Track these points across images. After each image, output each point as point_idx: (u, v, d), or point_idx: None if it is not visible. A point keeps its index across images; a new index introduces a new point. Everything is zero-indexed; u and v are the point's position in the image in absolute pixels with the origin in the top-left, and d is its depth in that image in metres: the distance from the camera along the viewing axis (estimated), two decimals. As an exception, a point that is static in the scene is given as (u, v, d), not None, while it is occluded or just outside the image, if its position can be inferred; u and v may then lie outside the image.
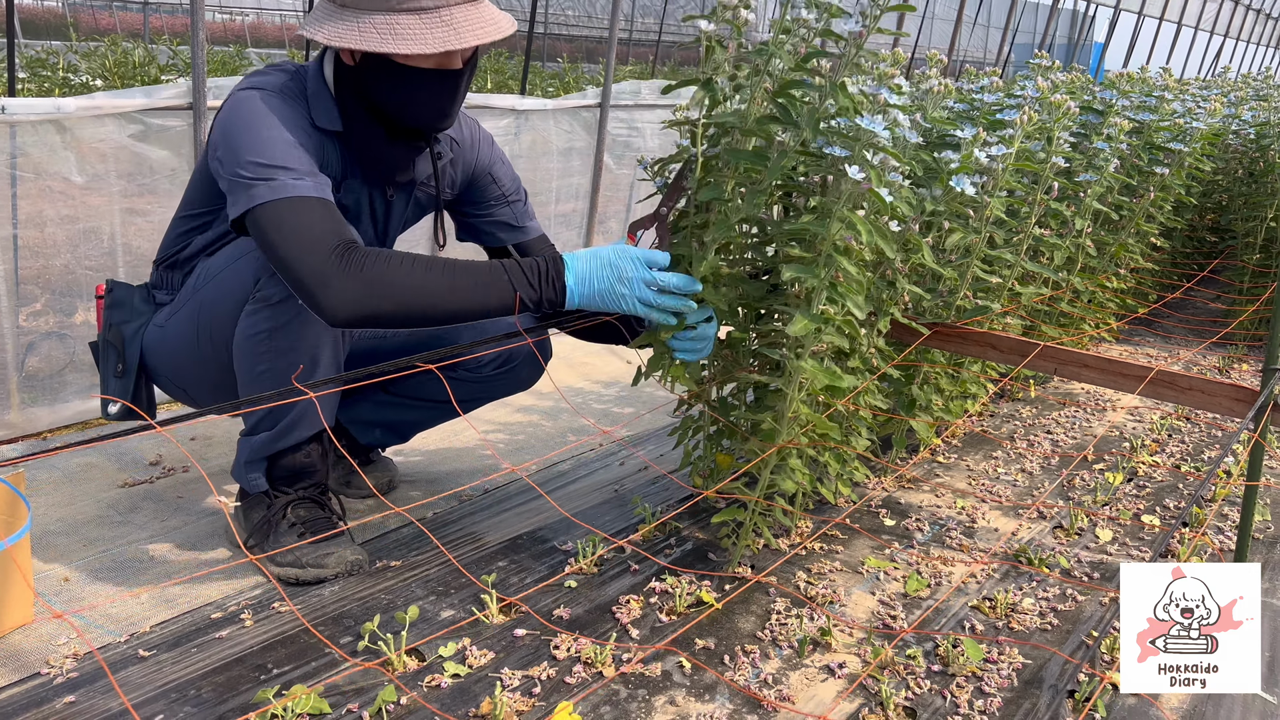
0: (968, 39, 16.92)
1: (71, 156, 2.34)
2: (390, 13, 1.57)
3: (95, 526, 1.96)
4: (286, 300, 1.64)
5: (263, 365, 1.67)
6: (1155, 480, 2.45)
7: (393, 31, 1.56)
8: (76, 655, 1.52)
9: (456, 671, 1.49)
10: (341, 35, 1.56)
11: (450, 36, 1.57)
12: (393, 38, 1.55)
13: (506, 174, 1.99)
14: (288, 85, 1.67)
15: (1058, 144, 2.22)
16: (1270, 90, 4.59)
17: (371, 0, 1.57)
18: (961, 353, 2.08)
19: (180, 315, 1.79)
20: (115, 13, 17.33)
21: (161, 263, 1.86)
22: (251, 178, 1.54)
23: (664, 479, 2.28)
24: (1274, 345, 1.74)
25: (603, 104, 3.83)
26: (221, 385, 1.78)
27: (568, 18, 18.28)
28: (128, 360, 1.82)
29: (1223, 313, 3.80)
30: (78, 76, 6.80)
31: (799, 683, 1.53)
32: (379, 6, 1.57)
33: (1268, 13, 16.17)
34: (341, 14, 1.59)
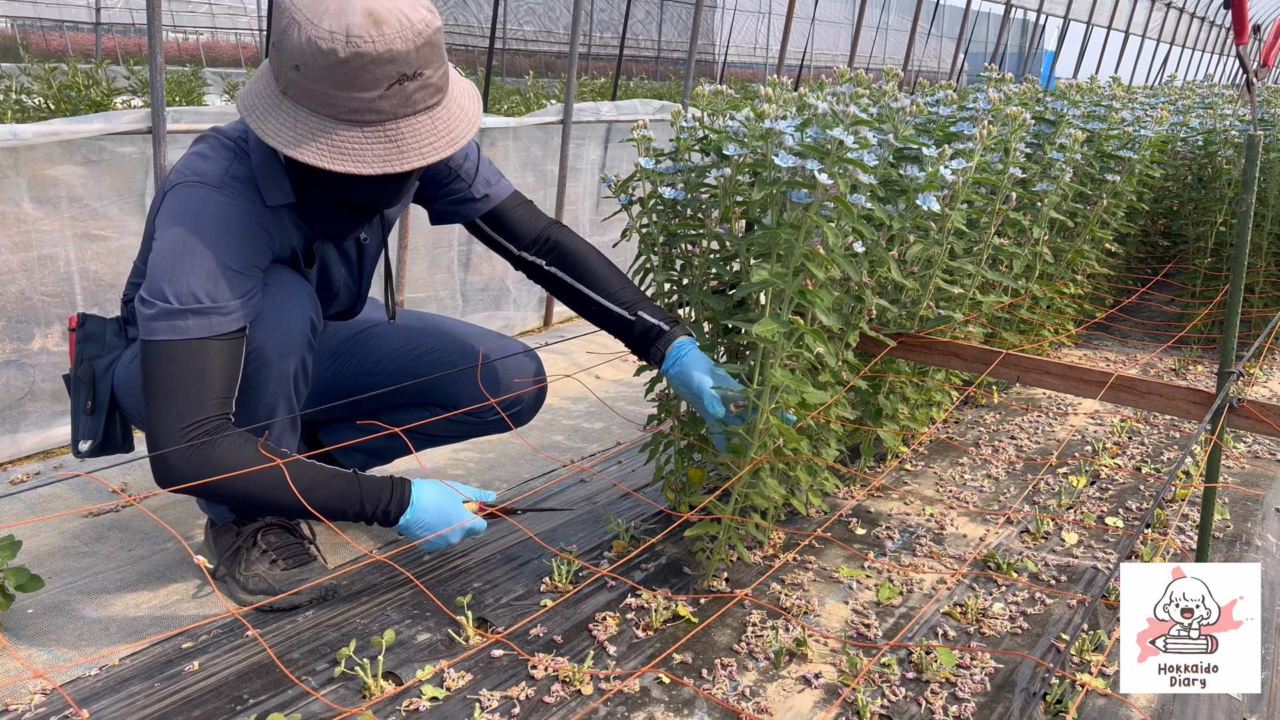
0: (922, 50, 17.17)
1: (24, 183, 2.31)
2: (332, 121, 1.44)
3: (60, 558, 1.93)
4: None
5: None
6: (1117, 482, 2.49)
7: (330, 145, 1.43)
8: (44, 691, 1.50)
9: (435, 695, 1.49)
10: (277, 135, 1.45)
11: (393, 157, 1.45)
12: (330, 152, 1.43)
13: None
14: (232, 170, 1.57)
15: (1014, 156, 2.27)
16: (1215, 98, 4.71)
17: (313, 102, 1.43)
18: (926, 362, 2.11)
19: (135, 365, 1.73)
20: (66, 33, 17.09)
21: (129, 302, 1.81)
22: (156, 308, 1.48)
23: (638, 493, 2.28)
24: (1228, 349, 1.79)
25: (564, 121, 3.84)
26: None
27: (526, 34, 18.31)
28: (98, 397, 1.77)
29: (1177, 316, 3.88)
30: (31, 99, 6.69)
31: (776, 694, 1.54)
32: (320, 109, 1.43)
33: (1212, 20, 16.58)
34: (281, 105, 1.46)
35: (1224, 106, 4.20)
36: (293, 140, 1.44)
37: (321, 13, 1.38)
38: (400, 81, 1.42)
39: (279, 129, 1.45)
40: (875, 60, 17.86)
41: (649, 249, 1.95)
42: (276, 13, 1.44)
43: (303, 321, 1.67)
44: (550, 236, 1.90)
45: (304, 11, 1.39)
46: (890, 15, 17.54)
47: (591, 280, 1.86)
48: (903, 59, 9.17)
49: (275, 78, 1.47)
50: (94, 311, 1.87)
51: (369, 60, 1.38)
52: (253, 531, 1.82)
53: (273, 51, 1.47)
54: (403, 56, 1.40)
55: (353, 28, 1.37)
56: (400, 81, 1.42)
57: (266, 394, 1.65)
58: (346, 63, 1.38)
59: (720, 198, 1.86)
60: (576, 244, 1.90)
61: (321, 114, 1.44)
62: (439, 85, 1.49)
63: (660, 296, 2.01)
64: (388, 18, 1.39)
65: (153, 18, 2.40)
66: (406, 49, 1.40)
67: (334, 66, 1.39)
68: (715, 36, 18.27)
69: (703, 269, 1.94)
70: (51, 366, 2.43)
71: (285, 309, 1.64)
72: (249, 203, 1.57)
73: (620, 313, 1.84)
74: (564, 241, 1.90)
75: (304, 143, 1.44)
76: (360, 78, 1.40)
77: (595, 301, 1.86)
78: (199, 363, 1.49)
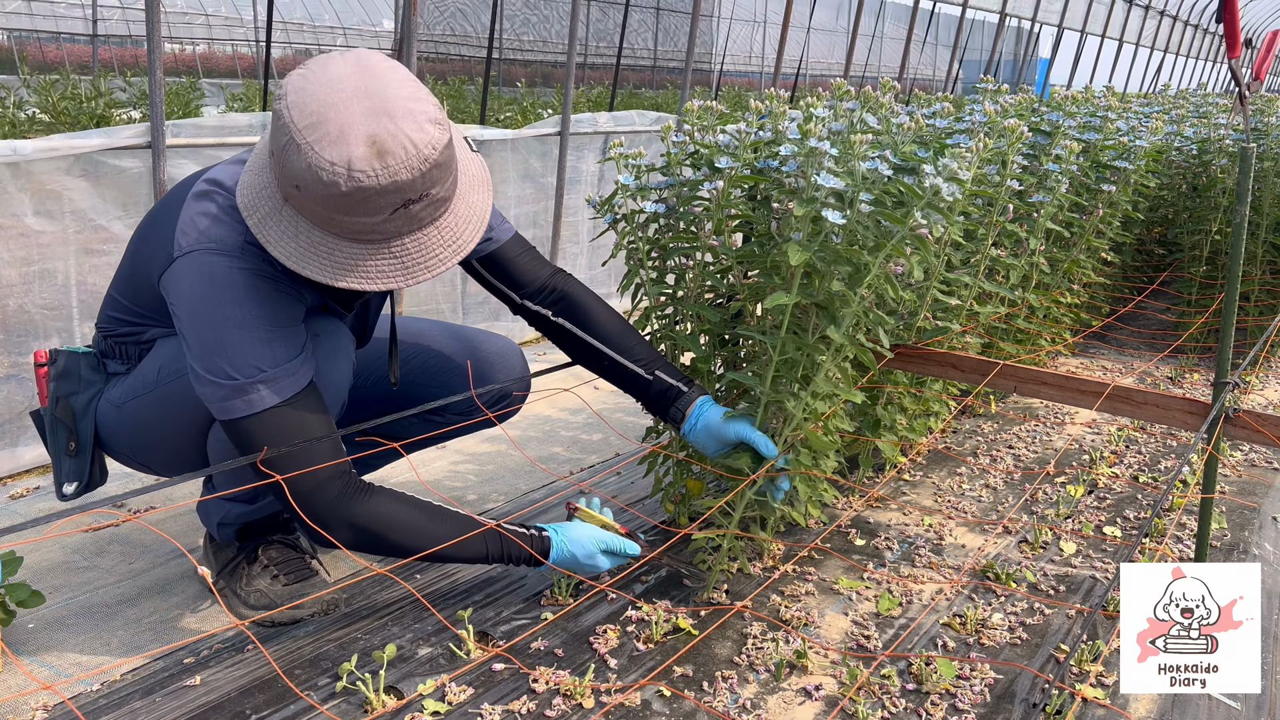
0: (917, 58, 17.24)
1: (26, 197, 2.32)
2: (335, 236, 1.39)
3: (61, 573, 1.93)
4: None
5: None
6: (1115, 492, 2.50)
7: (333, 261, 1.40)
8: (46, 706, 1.50)
9: (436, 709, 1.49)
10: (279, 246, 1.41)
11: (397, 273, 1.41)
12: (333, 269, 1.40)
13: None
14: (249, 237, 1.48)
15: (1011, 168, 2.28)
16: (1209, 106, 4.73)
17: (314, 215, 1.38)
18: (924, 373, 2.12)
19: (142, 402, 1.68)
20: (63, 45, 17.11)
21: (108, 334, 1.74)
22: (224, 388, 1.46)
23: (636, 505, 2.29)
24: (1223, 359, 1.80)
25: (562, 133, 3.85)
26: (189, 459, 1.71)
27: (522, 43, 18.34)
28: (80, 437, 1.70)
29: (1173, 324, 3.90)
30: (25, 111, 6.71)
31: (777, 706, 1.55)
32: (322, 225, 1.39)
33: (1205, 27, 16.66)
34: (281, 213, 1.41)
35: (1218, 116, 4.22)
36: (296, 255, 1.40)
37: (322, 137, 1.31)
38: (405, 205, 1.37)
39: (281, 238, 1.41)
40: (870, 69, 17.91)
41: (638, 265, 1.95)
42: (275, 123, 1.35)
43: (347, 370, 1.68)
44: (556, 286, 1.82)
45: (304, 135, 1.31)
46: (885, 24, 17.60)
47: (604, 335, 1.81)
48: (898, 68, 9.21)
49: (277, 184, 1.41)
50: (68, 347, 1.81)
51: (372, 193, 1.33)
52: (254, 546, 1.82)
53: (273, 160, 1.39)
54: (408, 185, 1.34)
55: (354, 161, 1.30)
56: (405, 205, 1.37)
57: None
58: (349, 195, 1.32)
59: (713, 210, 1.87)
60: (585, 295, 1.84)
61: (324, 229, 1.40)
62: (446, 196, 1.44)
63: (653, 310, 2.01)
64: (392, 147, 1.31)
65: (152, 33, 2.41)
66: (411, 178, 1.34)
67: (336, 198, 1.33)
68: (712, 46, 18.32)
69: (697, 281, 1.95)
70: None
71: (333, 359, 1.64)
72: (272, 267, 1.50)
73: (637, 371, 1.80)
74: (572, 292, 1.83)
75: (308, 259, 1.40)
76: (363, 206, 1.34)
77: (609, 357, 1.81)
78: (291, 425, 1.48)
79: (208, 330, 1.46)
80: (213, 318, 1.46)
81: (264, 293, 1.49)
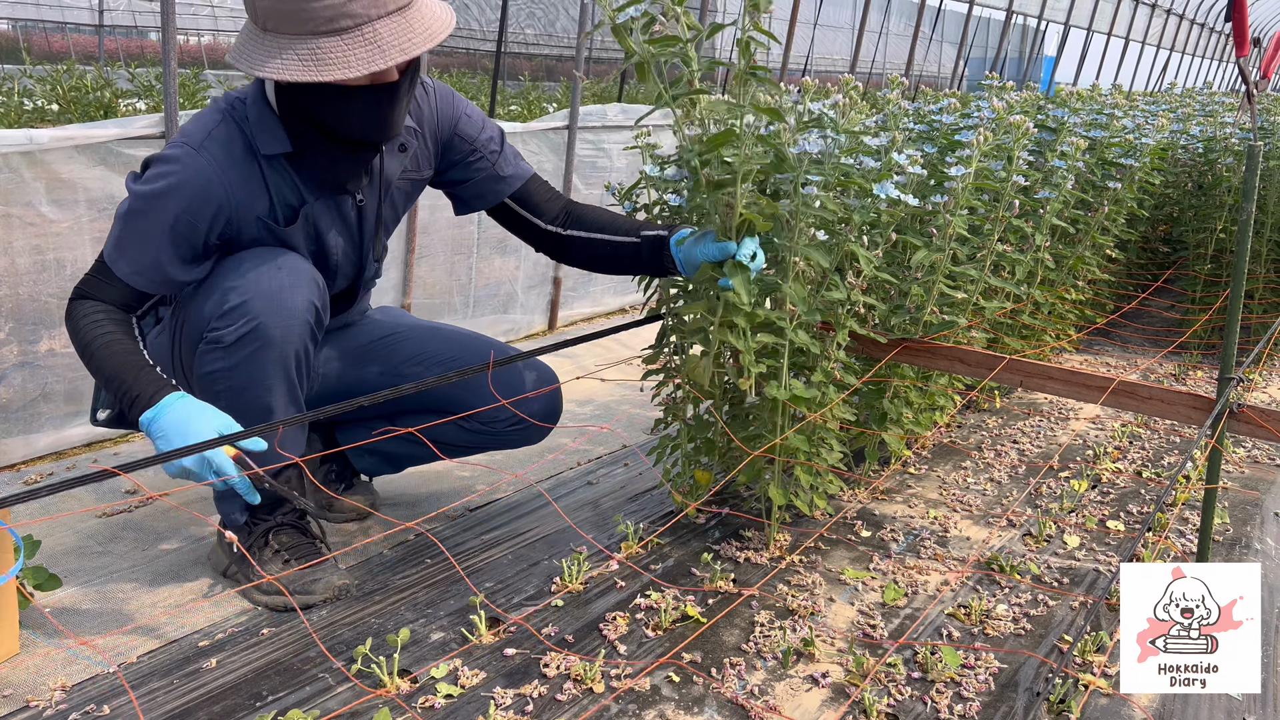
0: (923, 55, 17.22)
1: (40, 186, 2.34)
2: (312, 36, 1.52)
3: (75, 557, 1.96)
4: (238, 342, 1.66)
5: (221, 403, 1.64)
6: (1118, 486, 2.52)
7: (314, 58, 1.52)
8: (64, 687, 1.52)
9: (449, 692, 1.51)
10: (264, 65, 1.54)
11: (375, 56, 1.53)
12: (315, 65, 1.52)
13: (472, 126, 1.93)
14: (215, 133, 1.67)
15: (1017, 163, 2.30)
16: (1215, 105, 4.74)
17: (291, 24, 1.52)
18: (930, 367, 2.14)
19: (163, 336, 1.83)
20: (68, 35, 17.13)
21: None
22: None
23: (644, 496, 2.31)
24: (1228, 355, 1.82)
25: (570, 126, 3.87)
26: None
27: (527, 36, 18.33)
28: None
29: (1177, 321, 3.91)
30: (32, 101, 6.72)
31: (784, 693, 1.57)
32: (299, 30, 1.52)
33: (1211, 26, 16.63)
34: (264, 40, 1.56)
35: (1224, 114, 4.23)
36: (279, 63, 1.52)
37: None
38: None
39: (264, 59, 1.54)
40: (877, 65, 17.88)
41: None
42: None
43: (306, 304, 1.70)
44: (565, 209, 2.02)
45: None
46: (892, 20, 17.56)
47: (599, 226, 1.97)
48: (904, 64, 9.21)
49: (252, 18, 1.57)
50: None
51: None
52: (264, 531, 1.84)
53: (247, 6, 1.57)
54: None
55: None
56: None
57: (267, 374, 1.69)
58: None
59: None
60: (583, 206, 2.03)
61: (300, 34, 1.52)
62: None
63: (666, 302, 2.04)
64: None
65: (167, 24, 2.43)
66: None
67: None
68: (719, 40, 18.30)
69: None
70: (64, 368, 2.45)
71: (291, 291, 1.68)
72: (242, 145, 1.68)
73: (628, 240, 1.93)
74: (575, 208, 2.02)
75: (288, 62, 1.52)
76: None
77: (605, 242, 1.95)
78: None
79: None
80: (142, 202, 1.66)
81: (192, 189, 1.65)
